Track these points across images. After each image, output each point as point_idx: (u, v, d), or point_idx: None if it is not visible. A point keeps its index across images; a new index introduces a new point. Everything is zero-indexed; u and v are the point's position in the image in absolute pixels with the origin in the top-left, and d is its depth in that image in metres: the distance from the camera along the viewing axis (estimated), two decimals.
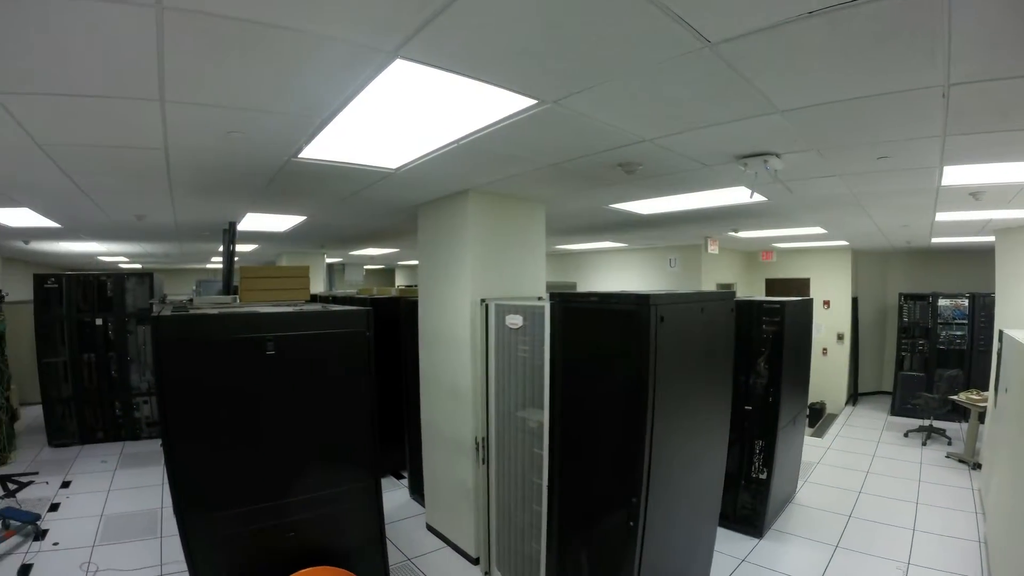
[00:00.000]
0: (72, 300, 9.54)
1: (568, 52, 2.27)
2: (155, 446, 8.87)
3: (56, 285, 9.52)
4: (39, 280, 9.53)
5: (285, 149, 3.84)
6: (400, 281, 22.48)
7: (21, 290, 12.10)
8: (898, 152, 3.76)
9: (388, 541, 4.17)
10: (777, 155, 3.81)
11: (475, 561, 5.25)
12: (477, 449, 5.02)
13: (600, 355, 3.78)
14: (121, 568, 5.23)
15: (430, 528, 5.94)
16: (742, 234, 9.08)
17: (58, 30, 2.16)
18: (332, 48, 2.27)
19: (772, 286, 13.51)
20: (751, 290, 13.47)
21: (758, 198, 5.18)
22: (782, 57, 2.28)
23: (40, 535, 5.87)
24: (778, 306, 5.77)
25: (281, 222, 7.67)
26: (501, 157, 3.95)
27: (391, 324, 6.63)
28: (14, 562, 5.32)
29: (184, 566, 3.51)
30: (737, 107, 2.92)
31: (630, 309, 3.49)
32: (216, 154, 3.99)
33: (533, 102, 2.84)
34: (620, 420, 3.59)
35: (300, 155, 3.94)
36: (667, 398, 3.54)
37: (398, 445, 6.94)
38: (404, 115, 3.16)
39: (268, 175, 4.61)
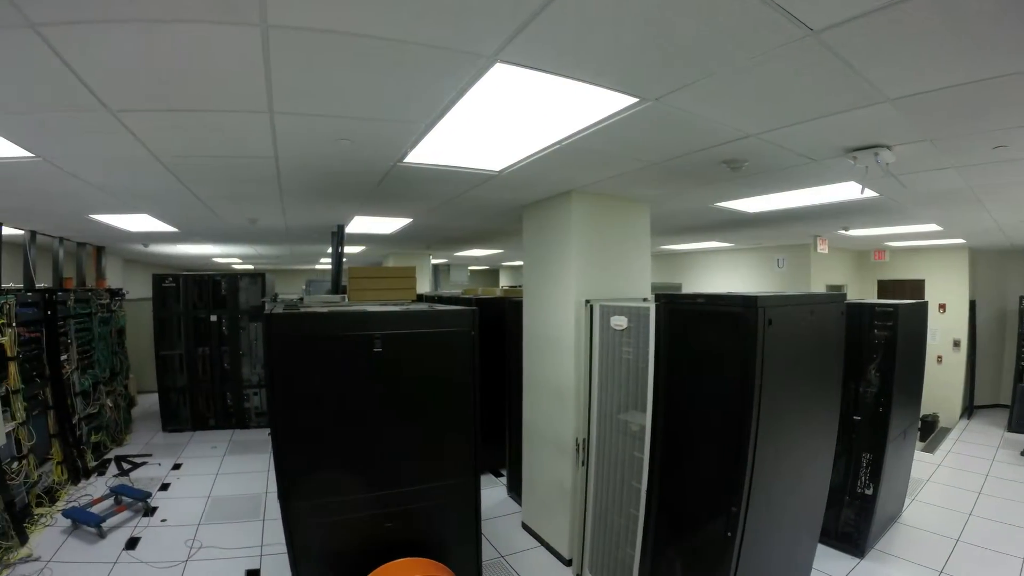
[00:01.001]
0: (188, 298, 10.13)
1: (666, 48, 2.23)
2: (262, 435, 9.35)
3: (173, 284, 10.13)
4: (157, 280, 10.15)
5: (391, 154, 3.94)
6: (504, 282, 22.68)
7: (141, 289, 13.01)
8: (1019, 140, 3.52)
9: (483, 537, 4.20)
10: (888, 147, 3.61)
11: (568, 563, 5.23)
12: (577, 450, 5.00)
13: (705, 358, 3.71)
14: (223, 546, 5.53)
15: (525, 527, 5.96)
16: (853, 232, 8.68)
17: (172, 50, 2.31)
18: (432, 56, 2.32)
19: (884, 288, 12.74)
20: (862, 292, 12.80)
21: (869, 193, 4.98)
22: (889, 41, 2.16)
23: (150, 511, 6.33)
24: (891, 309, 5.45)
25: (388, 224, 7.84)
26: (603, 157, 3.93)
27: (495, 324, 6.68)
28: (123, 534, 5.78)
29: (283, 548, 3.67)
30: (843, 97, 2.79)
31: (737, 311, 3.42)
32: (324, 161, 4.14)
33: (633, 100, 2.81)
34: (724, 426, 3.51)
35: (406, 160, 4.04)
36: (773, 405, 3.45)
37: (498, 443, 6.99)
38: (506, 117, 3.18)
39: (375, 180, 4.73)
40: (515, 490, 6.58)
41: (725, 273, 12.69)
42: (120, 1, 1.93)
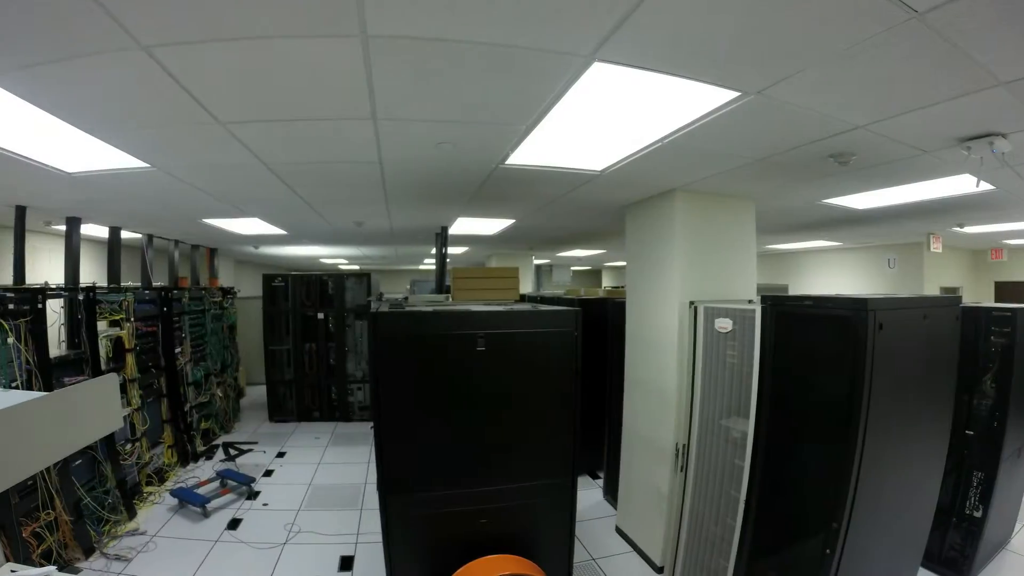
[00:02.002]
0: (297, 297, 10.50)
1: (766, 39, 2.16)
2: (365, 428, 9.61)
3: (282, 284, 10.54)
4: (267, 279, 10.59)
5: (493, 156, 3.97)
6: (607, 282, 22.52)
7: (251, 288, 13.62)
8: None
9: (576, 539, 4.18)
10: (1003, 135, 3.34)
11: (659, 570, 5.12)
12: (677, 455, 4.90)
13: (812, 364, 3.58)
14: (320, 532, 5.72)
15: (619, 531, 5.88)
16: (968, 230, 8.11)
17: (276, 64, 2.42)
18: (530, 58, 2.33)
19: (1003, 290, 11.88)
20: (978, 295, 11.96)
21: (985, 187, 4.65)
22: (999, 21, 2.00)
23: (253, 495, 6.64)
24: (1009, 314, 4.97)
25: (491, 226, 7.89)
26: (705, 154, 3.84)
27: (598, 325, 6.59)
28: (227, 515, 6.12)
29: (378, 538, 3.75)
30: (952, 82, 2.60)
31: (845, 314, 3.28)
32: (427, 164, 4.21)
33: (735, 95, 2.73)
34: (828, 436, 3.37)
35: (507, 162, 4.06)
36: (881, 415, 3.29)
37: (597, 445, 6.90)
38: (606, 116, 3.15)
39: (477, 182, 4.78)
40: (611, 493, 6.50)
41: (833, 274, 12.21)
42: (226, 22, 2.05)
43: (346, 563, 5.16)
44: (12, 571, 2.12)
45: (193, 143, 3.64)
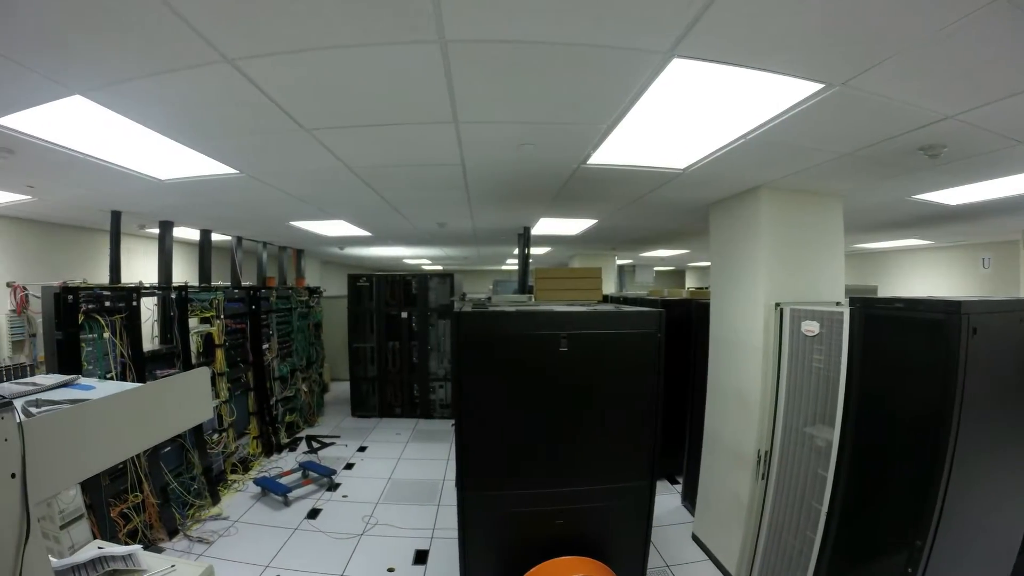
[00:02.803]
0: (381, 296, 10.71)
1: (849, 26, 2.05)
2: (445, 425, 9.74)
3: (367, 284, 10.76)
4: (352, 279, 10.84)
5: (574, 157, 3.94)
6: (690, 283, 22.21)
7: (337, 287, 14.10)
8: None
9: (651, 544, 4.11)
10: None
11: None
12: (758, 463, 4.74)
13: (902, 370, 3.40)
14: (397, 525, 5.81)
15: (695, 538, 5.74)
16: None
17: (358, 71, 2.47)
18: (608, 57, 2.30)
19: None
20: None
21: None
22: None
23: (333, 487, 6.80)
24: None
25: (573, 226, 7.84)
26: (790, 150, 3.69)
27: (681, 326, 6.47)
28: (307, 505, 6.30)
29: (454, 533, 3.80)
30: None
31: (937, 318, 3.11)
32: (509, 166, 4.21)
33: (818, 87, 2.60)
34: (916, 448, 3.21)
35: (589, 162, 4.02)
36: (973, 426, 3.10)
37: (677, 449, 6.75)
38: (688, 113, 3.08)
39: (559, 182, 4.76)
40: (689, 499, 6.35)
41: (924, 274, 11.63)
42: (306, 34, 2.11)
43: (420, 557, 5.21)
44: (99, 547, 2.22)
45: (279, 149, 3.77)
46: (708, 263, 5.95)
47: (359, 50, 2.26)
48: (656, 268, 17.88)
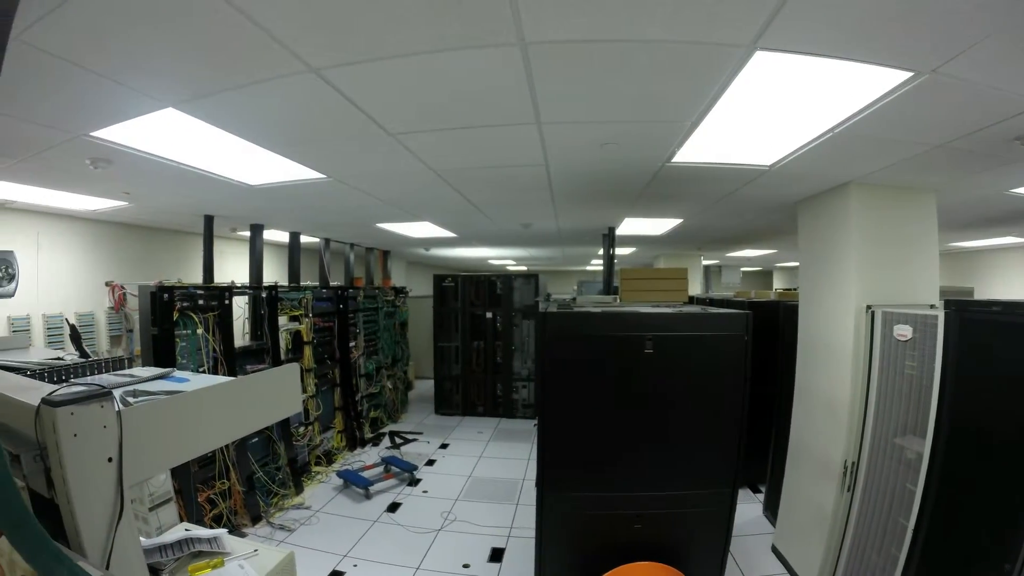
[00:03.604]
0: (466, 296, 10.82)
1: (938, 9, 1.93)
2: (527, 425, 9.77)
3: (452, 284, 10.88)
4: (438, 279, 10.99)
5: (658, 155, 3.89)
6: (778, 284, 21.63)
7: (422, 287, 14.33)
8: None
9: (729, 554, 4.00)
10: None
11: None
12: (845, 474, 4.55)
13: (999, 379, 3.17)
14: (475, 522, 5.86)
15: (775, 550, 5.55)
16: None
17: (439, 76, 2.53)
18: (690, 53, 2.27)
19: None
20: None
21: None
22: None
23: (414, 482, 6.94)
24: None
25: (658, 226, 7.76)
26: (879, 143, 3.51)
27: (768, 329, 6.25)
28: (387, 499, 6.46)
29: (531, 532, 3.83)
30: None
31: None
32: (592, 166, 4.19)
33: (907, 75, 2.47)
34: (1010, 463, 3.00)
35: (673, 160, 3.96)
36: None
37: (761, 457, 6.52)
38: (773, 108, 3.00)
39: (643, 181, 4.70)
40: (771, 510, 6.14)
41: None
42: (387, 41, 2.17)
43: (496, 554, 5.24)
44: (186, 529, 2.30)
45: (365, 154, 3.87)
46: (796, 263, 5.75)
47: (440, 55, 2.30)
48: (743, 269, 17.44)
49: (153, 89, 2.67)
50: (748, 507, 6.59)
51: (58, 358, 2.84)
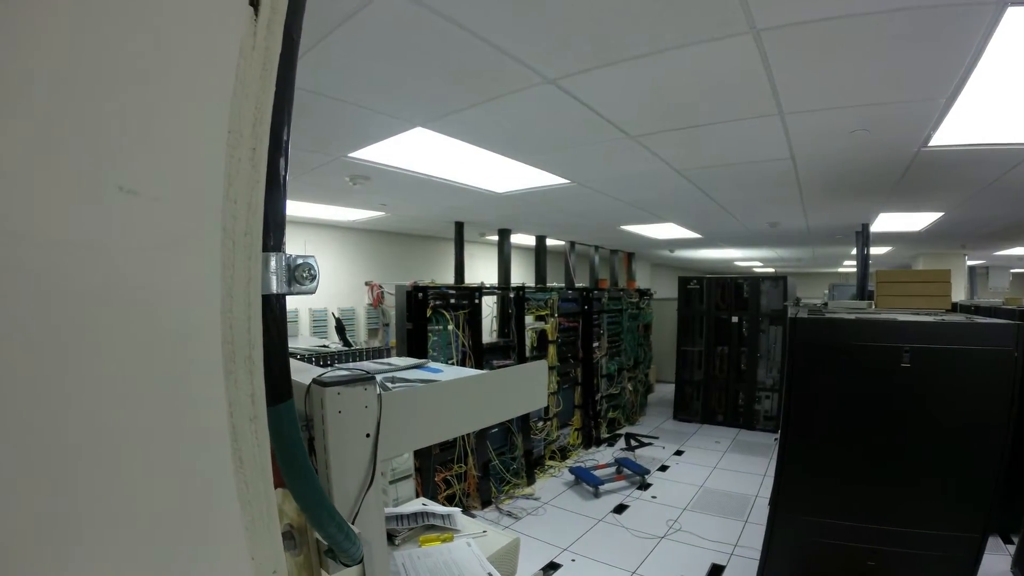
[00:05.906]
0: (711, 299, 10.54)
1: None
2: (766, 439, 9.30)
3: (697, 286, 10.66)
4: (683, 282, 10.80)
5: (912, 139, 3.63)
6: None
7: (666, 290, 14.21)
8: None
9: None
10: None
11: None
12: None
13: None
14: (699, 534, 5.71)
15: None
16: None
17: (675, 75, 2.60)
18: (930, 18, 2.11)
19: None
20: None
21: None
22: None
23: (644, 486, 6.95)
24: None
25: (915, 221, 7.25)
26: None
27: None
28: (615, 499, 6.53)
29: (754, 553, 3.69)
30: None
31: None
32: (842, 156, 4.02)
33: None
34: None
35: (930, 143, 3.68)
36: None
37: (1017, 498, 5.67)
38: None
39: (898, 170, 4.41)
40: (1021, 566, 5.28)
41: None
42: (614, 45, 2.27)
43: (715, 571, 5.04)
44: (423, 504, 2.54)
45: (606, 158, 4.02)
46: None
47: (672, 53, 2.36)
48: (1013, 270, 15.28)
49: (402, 112, 2.98)
50: (995, 558, 5.64)
51: (324, 346, 3.28)
